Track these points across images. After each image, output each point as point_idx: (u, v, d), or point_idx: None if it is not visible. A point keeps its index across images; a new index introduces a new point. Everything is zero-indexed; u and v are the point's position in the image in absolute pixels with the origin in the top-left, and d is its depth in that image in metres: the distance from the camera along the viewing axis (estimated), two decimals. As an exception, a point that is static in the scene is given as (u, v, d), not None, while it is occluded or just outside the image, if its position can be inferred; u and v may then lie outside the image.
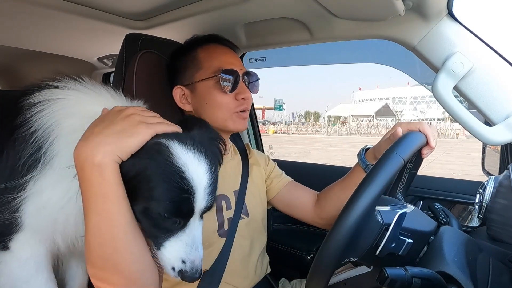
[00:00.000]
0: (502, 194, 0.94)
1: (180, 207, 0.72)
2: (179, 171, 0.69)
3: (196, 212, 0.75)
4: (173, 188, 0.69)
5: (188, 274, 0.75)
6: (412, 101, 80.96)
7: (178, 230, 0.75)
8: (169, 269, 0.76)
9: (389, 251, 0.75)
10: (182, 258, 0.75)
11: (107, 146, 0.64)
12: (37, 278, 0.82)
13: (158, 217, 0.71)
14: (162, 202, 0.70)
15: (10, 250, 0.79)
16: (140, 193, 0.69)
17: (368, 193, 0.67)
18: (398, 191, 1.01)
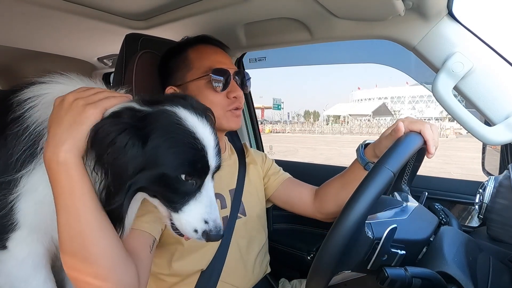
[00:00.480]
0: (502, 194, 0.94)
1: (196, 166, 0.75)
2: (190, 132, 0.74)
3: (210, 172, 0.79)
4: (188, 149, 0.74)
5: (213, 233, 0.78)
6: (410, 101, 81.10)
7: (195, 192, 0.78)
8: (191, 232, 0.78)
9: (381, 263, 0.75)
10: (204, 219, 0.78)
11: (65, 144, 0.67)
12: (35, 277, 0.82)
13: (175, 181, 0.74)
14: (179, 164, 0.73)
15: (7, 249, 0.79)
16: (157, 160, 0.71)
17: (355, 211, 0.66)
18: (403, 182, 1.01)
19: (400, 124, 0.91)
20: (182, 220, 0.78)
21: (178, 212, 0.78)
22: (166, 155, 0.72)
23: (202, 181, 0.79)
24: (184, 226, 0.78)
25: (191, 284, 1.04)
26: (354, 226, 0.65)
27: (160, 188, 0.75)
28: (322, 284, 0.71)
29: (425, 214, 0.92)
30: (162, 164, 0.72)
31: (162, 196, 0.77)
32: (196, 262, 1.04)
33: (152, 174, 0.72)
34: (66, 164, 0.68)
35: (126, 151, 0.69)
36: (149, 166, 0.71)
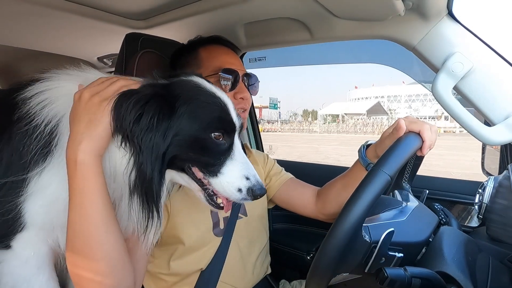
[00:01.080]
0: (501, 194, 0.94)
1: (224, 124, 0.79)
2: (211, 94, 0.79)
3: (237, 129, 0.82)
4: (213, 109, 0.78)
5: (257, 187, 0.80)
6: (407, 99, 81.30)
7: (228, 151, 0.81)
8: (236, 193, 0.79)
9: (379, 266, 0.75)
10: (245, 175, 0.80)
11: (82, 143, 0.69)
12: (38, 277, 0.81)
13: (207, 142, 0.77)
14: (208, 124, 0.76)
15: (11, 249, 0.79)
16: (186, 124, 0.74)
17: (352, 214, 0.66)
18: (404, 180, 1.01)
19: (402, 122, 0.90)
20: (223, 183, 0.79)
21: (217, 175, 0.79)
22: (194, 117, 0.75)
23: (231, 139, 0.81)
24: (227, 188, 0.79)
25: (190, 284, 1.04)
26: (352, 230, 0.65)
27: (194, 153, 0.77)
28: (321, 287, 0.71)
29: (424, 214, 0.92)
30: (192, 126, 0.75)
31: (198, 162, 0.79)
32: (195, 261, 1.04)
33: (185, 139, 0.74)
34: (82, 163, 0.69)
35: (155, 121, 0.71)
36: (180, 132, 0.74)
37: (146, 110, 0.69)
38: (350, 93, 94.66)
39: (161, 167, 0.74)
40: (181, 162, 0.79)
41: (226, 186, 0.79)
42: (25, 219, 0.77)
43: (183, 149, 0.75)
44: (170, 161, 0.76)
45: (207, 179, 0.80)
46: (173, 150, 0.74)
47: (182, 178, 0.83)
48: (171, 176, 0.83)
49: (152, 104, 0.70)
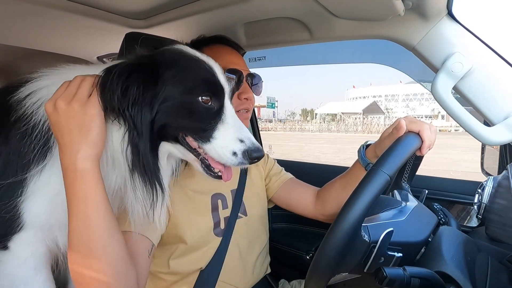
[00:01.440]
0: (501, 194, 0.94)
1: (211, 87, 0.78)
2: (196, 59, 0.79)
3: (226, 92, 0.81)
4: (199, 72, 0.77)
5: (253, 149, 0.78)
6: (404, 99, 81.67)
7: (219, 115, 0.79)
8: (231, 158, 0.77)
9: (378, 266, 0.75)
10: (239, 138, 0.78)
11: (80, 152, 0.69)
12: (36, 278, 0.81)
13: (196, 106, 0.76)
14: (195, 87, 0.76)
15: (9, 249, 0.79)
16: (173, 90, 0.74)
17: (351, 214, 0.66)
18: (403, 180, 1.01)
19: (402, 122, 0.90)
20: (217, 148, 0.78)
21: (210, 140, 0.78)
22: (179, 82, 0.74)
23: (221, 103, 0.80)
24: (221, 153, 0.78)
25: (190, 283, 1.04)
26: (351, 230, 0.65)
27: (183, 118, 0.76)
28: (320, 286, 0.71)
29: (424, 214, 0.92)
30: (177, 92, 0.74)
31: (189, 129, 0.78)
32: (195, 261, 1.04)
33: (172, 105, 0.74)
34: (83, 171, 0.69)
35: (141, 90, 0.70)
36: (167, 98, 0.73)
37: (131, 81, 0.69)
38: (348, 92, 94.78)
39: (152, 137, 0.74)
40: (172, 131, 0.78)
41: (220, 150, 0.78)
42: (23, 219, 0.77)
43: (172, 116, 0.75)
44: (161, 131, 0.75)
45: (201, 147, 0.79)
46: (162, 118, 0.74)
47: (177, 149, 0.82)
48: (167, 149, 0.82)
49: (135, 75, 0.70)
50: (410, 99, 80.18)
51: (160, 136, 0.77)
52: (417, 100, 78.40)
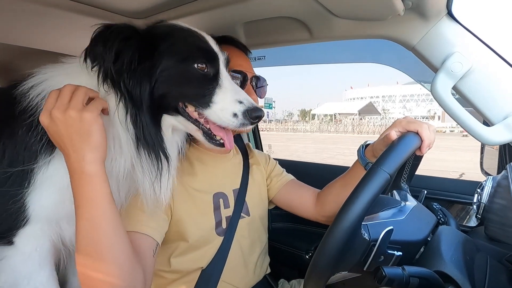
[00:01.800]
0: (500, 194, 0.94)
1: (205, 52, 0.81)
2: (188, 30, 0.83)
3: (220, 59, 0.85)
4: (192, 41, 0.81)
5: (253, 108, 0.81)
6: (401, 99, 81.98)
7: (215, 81, 0.82)
8: (232, 119, 0.80)
9: (378, 265, 0.75)
10: (237, 99, 0.81)
11: (86, 156, 0.70)
12: (39, 273, 0.82)
13: (193, 73, 0.79)
14: (190, 55, 0.78)
15: (14, 245, 0.79)
16: (169, 59, 0.77)
17: (352, 212, 0.66)
18: (402, 181, 1.01)
19: (392, 132, 0.93)
20: (217, 111, 0.80)
21: (210, 105, 0.80)
22: (175, 51, 0.77)
23: (216, 69, 0.83)
24: (222, 116, 0.80)
25: (190, 282, 1.05)
26: (351, 228, 0.65)
27: (182, 86, 0.79)
28: (319, 285, 0.71)
29: (423, 213, 0.92)
30: (174, 61, 0.77)
31: (188, 97, 0.80)
32: (196, 259, 1.05)
33: (170, 74, 0.76)
34: (90, 175, 0.70)
35: (138, 60, 0.73)
36: (165, 68, 0.76)
37: (125, 47, 0.71)
38: (346, 93, 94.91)
39: (152, 108, 0.76)
40: (172, 100, 0.80)
41: (221, 113, 0.80)
42: (29, 212, 0.77)
43: (170, 86, 0.77)
44: (161, 102, 0.77)
45: (202, 113, 0.81)
46: (160, 88, 0.76)
47: (179, 121, 0.84)
48: (170, 123, 0.83)
49: (131, 43, 0.72)
50: (407, 100, 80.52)
51: (161, 107, 0.79)
52: (414, 101, 78.78)
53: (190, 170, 1.08)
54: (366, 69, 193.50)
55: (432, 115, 62.51)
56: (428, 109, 69.96)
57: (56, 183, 0.78)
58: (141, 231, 0.90)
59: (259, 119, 0.82)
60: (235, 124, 0.80)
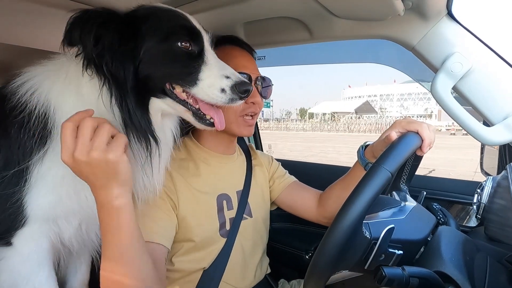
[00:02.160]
0: (500, 195, 0.94)
1: (188, 29, 0.80)
2: (170, 10, 0.82)
3: (205, 37, 0.84)
4: (174, 19, 0.80)
5: (240, 82, 0.80)
6: (399, 98, 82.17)
7: (200, 58, 0.81)
8: (221, 95, 0.79)
9: (379, 263, 0.75)
10: (224, 75, 0.81)
11: (114, 190, 0.71)
12: (38, 274, 0.82)
13: (177, 51, 0.78)
14: (172, 33, 0.77)
15: (12, 245, 0.79)
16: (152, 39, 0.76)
17: (353, 211, 0.66)
18: (401, 182, 1.01)
19: (393, 133, 0.93)
20: (205, 88, 0.79)
21: (197, 83, 0.79)
22: (158, 32, 0.76)
23: (200, 46, 0.82)
24: (210, 92, 0.79)
25: (192, 282, 1.05)
26: (352, 226, 0.65)
27: (167, 66, 0.78)
28: (319, 285, 0.71)
29: (423, 214, 0.92)
30: (157, 40, 0.76)
31: (174, 76, 0.79)
32: (199, 260, 1.05)
33: (154, 54, 0.76)
34: (119, 208, 0.73)
35: (120, 42, 0.72)
36: (148, 49, 0.75)
37: (105, 31, 0.71)
38: (344, 92, 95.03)
39: (138, 90, 0.75)
40: (158, 82, 0.79)
41: (209, 90, 0.79)
42: (27, 212, 0.77)
43: (154, 66, 0.76)
44: (147, 83, 0.77)
45: (189, 92, 0.80)
46: (145, 69, 0.75)
47: (167, 104, 0.82)
48: (159, 106, 0.82)
49: (111, 26, 0.72)
50: (405, 99, 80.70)
51: (147, 89, 0.78)
52: (411, 99, 78.95)
53: (195, 171, 1.08)
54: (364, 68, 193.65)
55: (429, 114, 62.69)
56: (425, 107, 70.21)
57: (51, 182, 0.78)
58: (154, 240, 0.92)
59: (247, 93, 0.81)
60: (224, 100, 0.79)
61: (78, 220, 0.85)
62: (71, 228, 0.85)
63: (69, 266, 1.05)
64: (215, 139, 1.15)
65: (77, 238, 0.89)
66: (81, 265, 1.06)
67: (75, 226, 0.86)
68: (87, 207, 0.82)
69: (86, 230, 0.90)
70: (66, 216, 0.82)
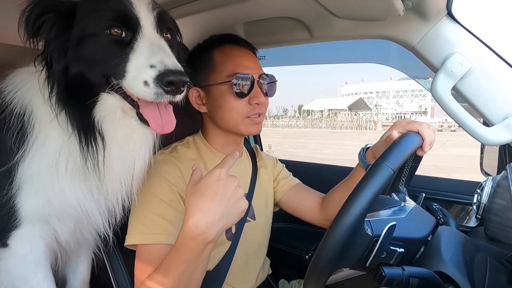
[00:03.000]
0: (500, 195, 0.94)
1: (121, 15, 0.71)
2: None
3: (145, 20, 0.73)
4: (110, 3, 0.71)
5: (164, 71, 0.66)
6: (395, 95, 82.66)
7: (130, 45, 0.71)
8: (144, 88, 0.68)
9: (380, 261, 0.75)
10: (149, 64, 0.68)
11: (217, 227, 0.74)
12: (35, 275, 0.82)
13: (106, 39, 0.70)
14: (103, 18, 0.70)
15: (9, 247, 0.79)
16: (83, 30, 0.71)
17: (355, 208, 0.66)
18: (400, 184, 1.01)
19: (394, 132, 0.93)
20: (130, 81, 0.69)
21: (125, 75, 0.69)
22: (89, 19, 0.70)
23: (133, 31, 0.72)
24: (134, 85, 0.69)
25: None
26: (354, 223, 0.65)
27: (97, 57, 0.71)
28: (319, 284, 0.71)
29: (422, 214, 0.92)
30: (87, 29, 0.70)
31: (106, 69, 0.71)
32: None
33: (84, 45, 0.70)
34: (211, 243, 0.75)
35: (56, 31, 0.69)
36: (80, 40, 0.70)
37: (45, 21, 0.69)
38: (341, 89, 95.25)
39: (69, 85, 0.71)
40: (93, 76, 0.72)
41: (133, 83, 0.69)
42: (20, 213, 0.77)
43: (85, 58, 0.71)
44: (81, 78, 0.71)
45: (121, 85, 0.71)
46: (75, 63, 0.70)
47: (116, 100, 0.75)
48: (112, 104, 0.76)
49: (50, 16, 0.69)
50: (401, 96, 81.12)
51: (87, 85, 0.72)
52: (407, 96, 79.44)
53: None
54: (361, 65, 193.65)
55: (423, 111, 62.92)
56: (419, 104, 70.66)
57: (36, 183, 0.77)
58: (168, 242, 0.92)
59: (174, 85, 0.67)
60: (149, 95, 0.68)
61: (72, 220, 0.85)
62: (65, 228, 0.85)
63: (68, 266, 1.05)
64: (223, 140, 1.13)
65: (72, 238, 0.89)
66: (81, 264, 1.06)
67: (70, 226, 0.85)
68: (78, 207, 0.81)
69: (80, 229, 0.90)
70: (59, 217, 0.82)
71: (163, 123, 0.74)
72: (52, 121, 0.75)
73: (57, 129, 0.76)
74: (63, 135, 0.76)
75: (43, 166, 0.76)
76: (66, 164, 0.77)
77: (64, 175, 0.77)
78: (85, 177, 0.79)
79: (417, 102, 72.99)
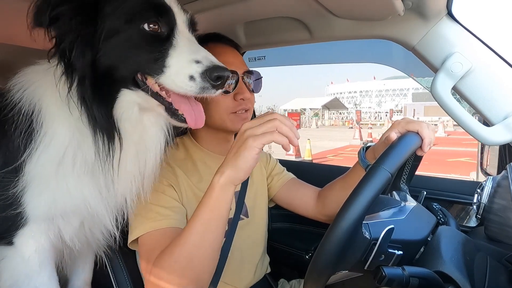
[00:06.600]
0: (500, 194, 0.94)
1: (157, 8, 0.70)
2: None
3: (179, 17, 0.75)
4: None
5: (212, 67, 0.70)
6: (377, 94, 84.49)
7: (169, 41, 0.72)
8: (189, 83, 0.69)
9: (378, 264, 0.75)
10: (194, 59, 0.70)
11: (227, 171, 0.77)
12: (40, 274, 0.81)
13: (142, 34, 0.69)
14: (138, 12, 0.68)
15: (14, 245, 0.79)
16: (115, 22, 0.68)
17: (353, 211, 0.66)
18: (401, 182, 1.01)
19: (393, 133, 0.92)
20: (172, 76, 0.70)
21: (164, 70, 0.70)
22: (121, 13, 0.68)
23: (170, 26, 0.73)
24: (178, 81, 0.70)
25: None
26: (352, 227, 0.65)
27: (131, 52, 0.70)
28: (319, 285, 0.71)
29: (423, 213, 0.92)
30: (120, 24, 0.68)
31: (139, 64, 0.71)
32: None
33: (116, 40, 0.68)
34: (222, 187, 0.78)
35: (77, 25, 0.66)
36: (109, 34, 0.68)
37: (63, 12, 0.65)
38: (328, 88, 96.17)
39: (97, 82, 0.69)
40: (124, 71, 0.71)
41: (176, 78, 0.70)
42: (26, 212, 0.77)
43: (116, 54, 0.69)
44: (110, 74, 0.70)
45: (158, 81, 0.72)
46: (105, 58, 0.68)
47: (140, 97, 0.75)
48: (132, 99, 0.75)
49: (68, 7, 0.66)
50: (383, 95, 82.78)
51: (113, 80, 0.71)
52: (389, 95, 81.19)
53: (195, 172, 1.08)
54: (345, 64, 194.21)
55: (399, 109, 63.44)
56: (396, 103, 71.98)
57: (43, 181, 0.77)
58: (172, 225, 0.94)
59: (221, 80, 0.71)
60: (194, 89, 0.69)
61: (78, 219, 0.85)
62: (70, 227, 0.84)
63: (73, 266, 1.05)
64: (212, 138, 1.14)
65: (79, 238, 0.88)
66: (85, 265, 1.06)
67: (76, 225, 0.85)
68: (84, 207, 0.80)
69: (90, 228, 0.89)
70: (64, 215, 0.81)
71: (196, 118, 0.78)
72: (60, 120, 0.75)
73: (65, 128, 0.76)
74: (71, 134, 0.76)
75: (49, 165, 0.76)
76: (73, 163, 0.77)
77: (71, 174, 0.77)
78: (94, 176, 0.78)
79: (399, 101, 74.02)
